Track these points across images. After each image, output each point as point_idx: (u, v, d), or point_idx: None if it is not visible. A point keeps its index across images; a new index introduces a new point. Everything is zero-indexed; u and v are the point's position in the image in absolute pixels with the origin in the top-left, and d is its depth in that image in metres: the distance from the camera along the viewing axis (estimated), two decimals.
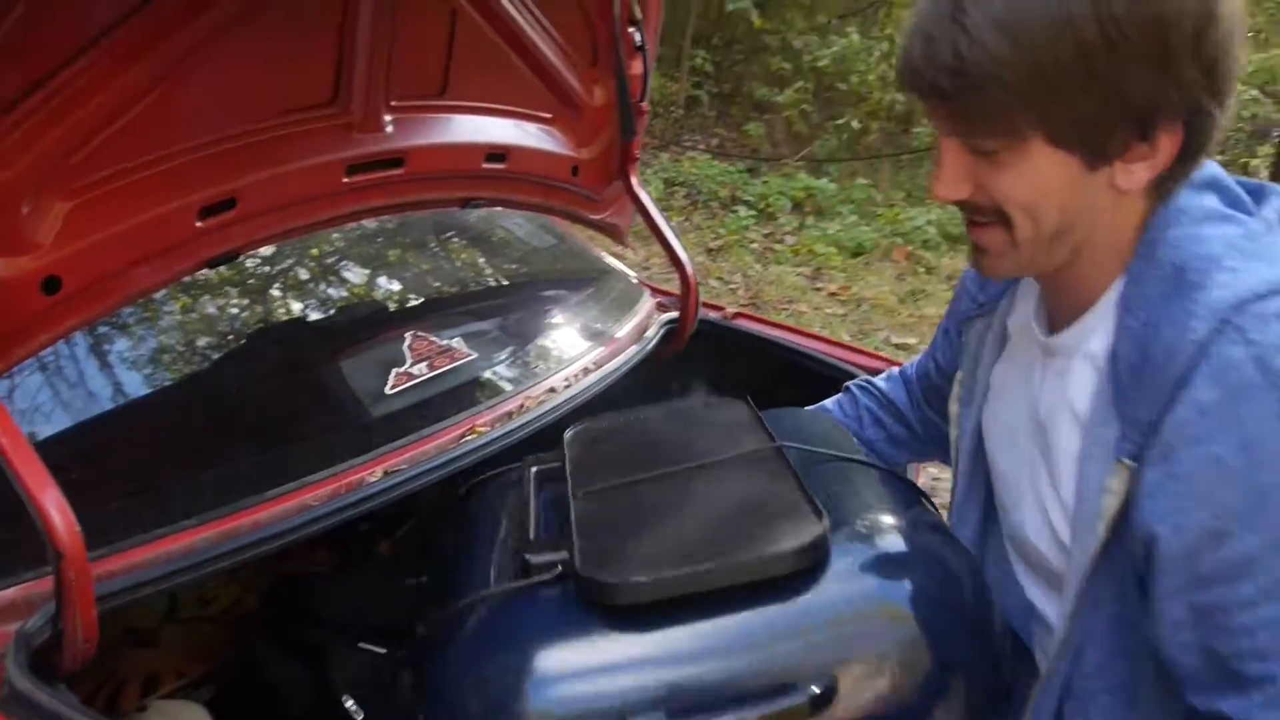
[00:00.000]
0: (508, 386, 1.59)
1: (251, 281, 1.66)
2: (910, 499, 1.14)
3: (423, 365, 1.52)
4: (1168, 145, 0.90)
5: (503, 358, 1.66)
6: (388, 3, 1.35)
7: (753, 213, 6.30)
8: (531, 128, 1.71)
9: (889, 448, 1.47)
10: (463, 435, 1.44)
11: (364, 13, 1.32)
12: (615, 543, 1.00)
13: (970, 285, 1.27)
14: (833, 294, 5.33)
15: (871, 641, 0.93)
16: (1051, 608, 1.11)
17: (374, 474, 1.34)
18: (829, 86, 7.53)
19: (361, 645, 1.68)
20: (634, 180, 1.87)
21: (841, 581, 0.96)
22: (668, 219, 1.91)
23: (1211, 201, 0.95)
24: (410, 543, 1.95)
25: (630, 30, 1.68)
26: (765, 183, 6.66)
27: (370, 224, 1.88)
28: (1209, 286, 0.88)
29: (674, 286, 1.95)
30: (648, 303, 1.98)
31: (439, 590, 1.16)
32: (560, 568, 1.00)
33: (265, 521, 1.25)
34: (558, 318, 1.85)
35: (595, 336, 1.81)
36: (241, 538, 1.21)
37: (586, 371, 1.68)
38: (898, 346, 4.60)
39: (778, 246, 5.96)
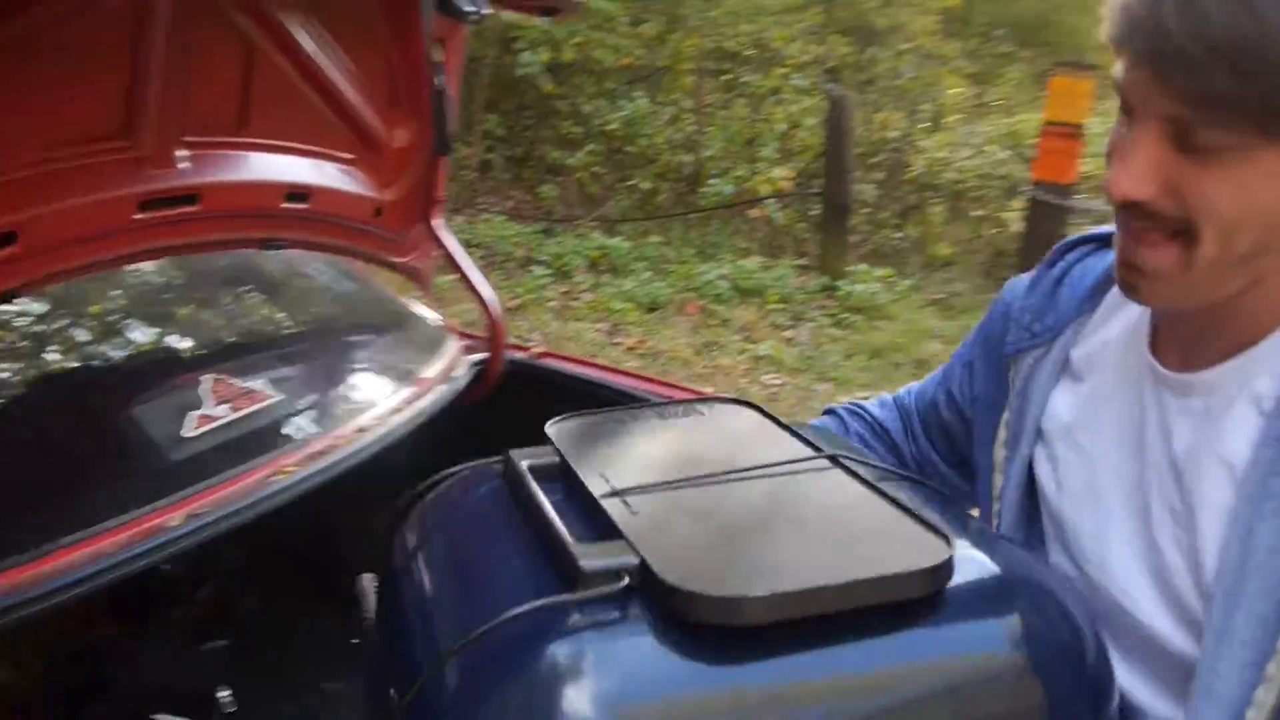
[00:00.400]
0: (315, 427, 1.55)
1: (38, 326, 1.56)
2: (972, 522, 0.99)
3: (224, 407, 1.47)
4: None
5: (309, 399, 1.62)
6: (180, 36, 1.32)
7: (549, 272, 6.37)
8: (333, 168, 1.70)
9: None
10: (269, 476, 1.39)
11: (155, 44, 1.29)
12: (688, 554, 0.79)
13: (1022, 313, 1.12)
14: (630, 348, 5.44)
15: (1000, 683, 0.77)
16: (1165, 704, 0.91)
17: (175, 519, 1.28)
18: (619, 149, 7.74)
19: (155, 718, 1.59)
20: (438, 223, 1.88)
21: (963, 610, 0.79)
22: (472, 261, 1.93)
23: None
24: (209, 606, 1.85)
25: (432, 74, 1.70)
26: (560, 243, 6.75)
27: (163, 265, 1.80)
28: None
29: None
30: (454, 344, 1.98)
31: (419, 618, 0.92)
32: (628, 579, 0.77)
33: (49, 575, 1.16)
34: (364, 360, 1.83)
35: (403, 377, 1.79)
36: (22, 592, 1.12)
37: (396, 411, 1.66)
38: None
39: (575, 304, 6.04)
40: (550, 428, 1.04)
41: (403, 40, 1.67)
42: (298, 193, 1.61)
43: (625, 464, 0.97)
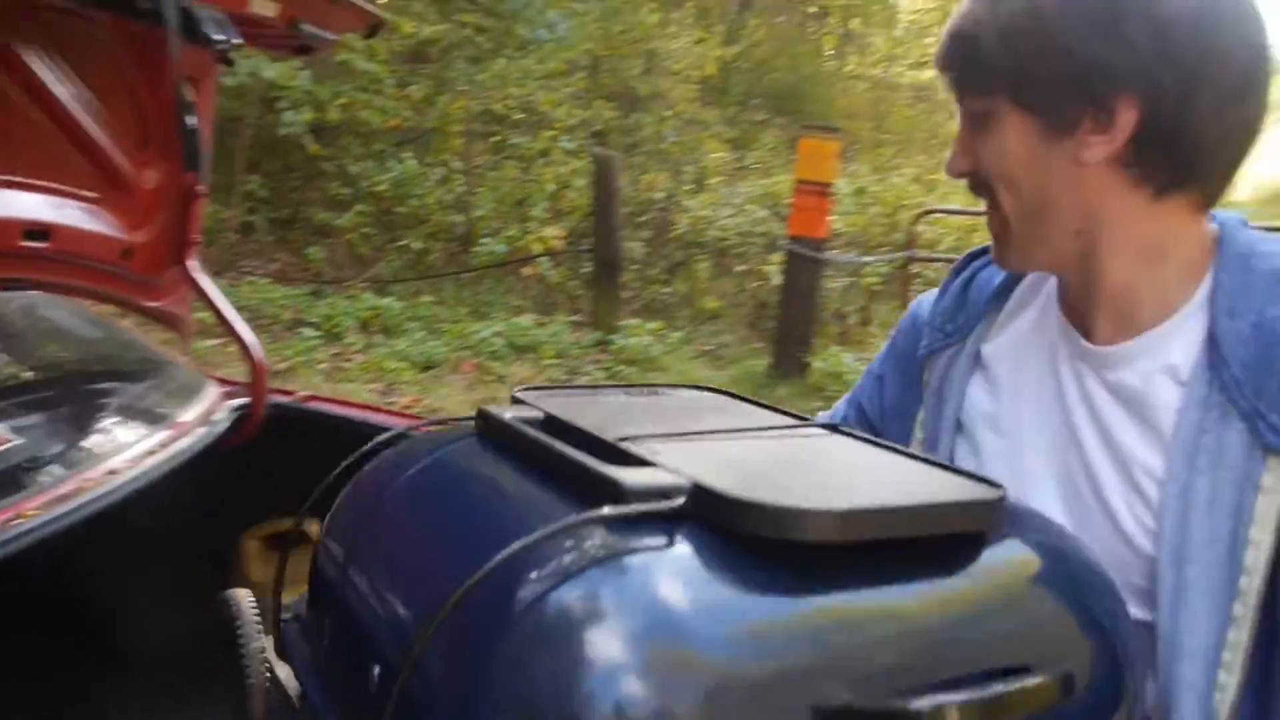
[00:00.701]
0: (62, 470, 1.48)
1: None
2: None
3: None
4: (1124, 119, 0.90)
5: (56, 443, 1.54)
6: None
7: (319, 334, 6.22)
8: (76, 207, 1.64)
9: None
10: (10, 520, 1.32)
11: None
12: (738, 480, 0.70)
13: (934, 316, 1.19)
14: (405, 407, 5.38)
15: (1055, 621, 0.74)
16: None
17: None
18: (389, 210, 7.69)
19: None
20: (193, 265, 1.84)
21: (1018, 545, 0.77)
22: (230, 304, 1.90)
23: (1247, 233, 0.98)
24: None
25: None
26: (330, 304, 6.62)
27: None
28: None
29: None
30: (214, 389, 1.93)
31: (401, 580, 0.78)
32: (681, 499, 0.68)
33: None
34: (117, 404, 1.75)
35: (158, 421, 1.73)
36: None
37: (150, 454, 1.60)
38: None
39: (346, 365, 5.92)
40: (521, 392, 0.95)
41: (152, 78, 1.64)
42: (37, 231, 1.55)
43: (621, 422, 0.86)
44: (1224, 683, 0.88)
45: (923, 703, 0.61)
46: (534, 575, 0.64)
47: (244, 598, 0.94)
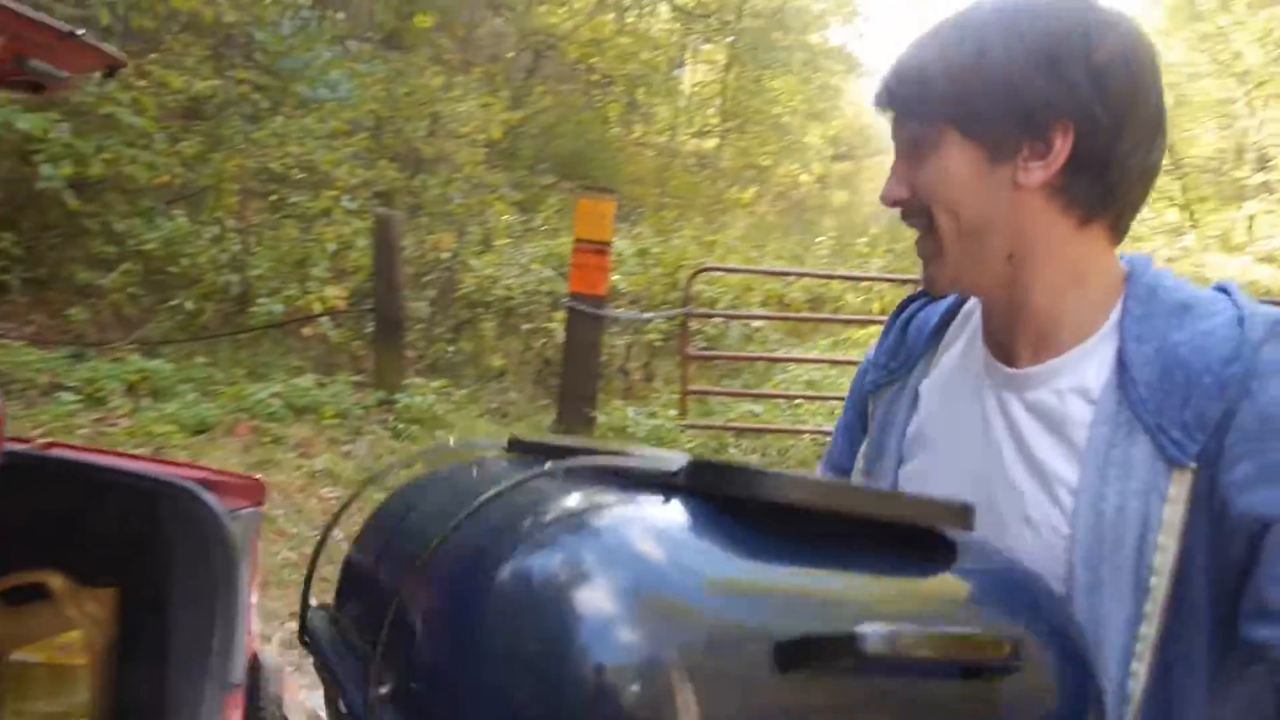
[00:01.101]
0: None
1: None
2: None
3: None
4: (1060, 145, 0.99)
5: None
6: None
7: (79, 399, 5.88)
8: None
9: None
10: None
11: None
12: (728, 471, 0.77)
13: (879, 355, 1.27)
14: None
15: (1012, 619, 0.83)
16: None
17: None
18: (159, 270, 7.38)
19: None
20: None
21: (981, 554, 0.88)
22: None
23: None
24: None
25: None
26: (93, 368, 6.26)
27: None
28: (1220, 312, 0.99)
29: None
30: None
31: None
32: (680, 473, 0.76)
33: None
34: None
35: None
36: None
37: None
38: None
39: (110, 430, 5.62)
40: (510, 439, 1.01)
41: None
42: None
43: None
44: (1135, 670, 0.97)
45: (870, 629, 0.66)
46: (527, 522, 0.71)
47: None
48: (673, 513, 0.73)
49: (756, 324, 9.30)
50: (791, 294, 10.38)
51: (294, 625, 3.79)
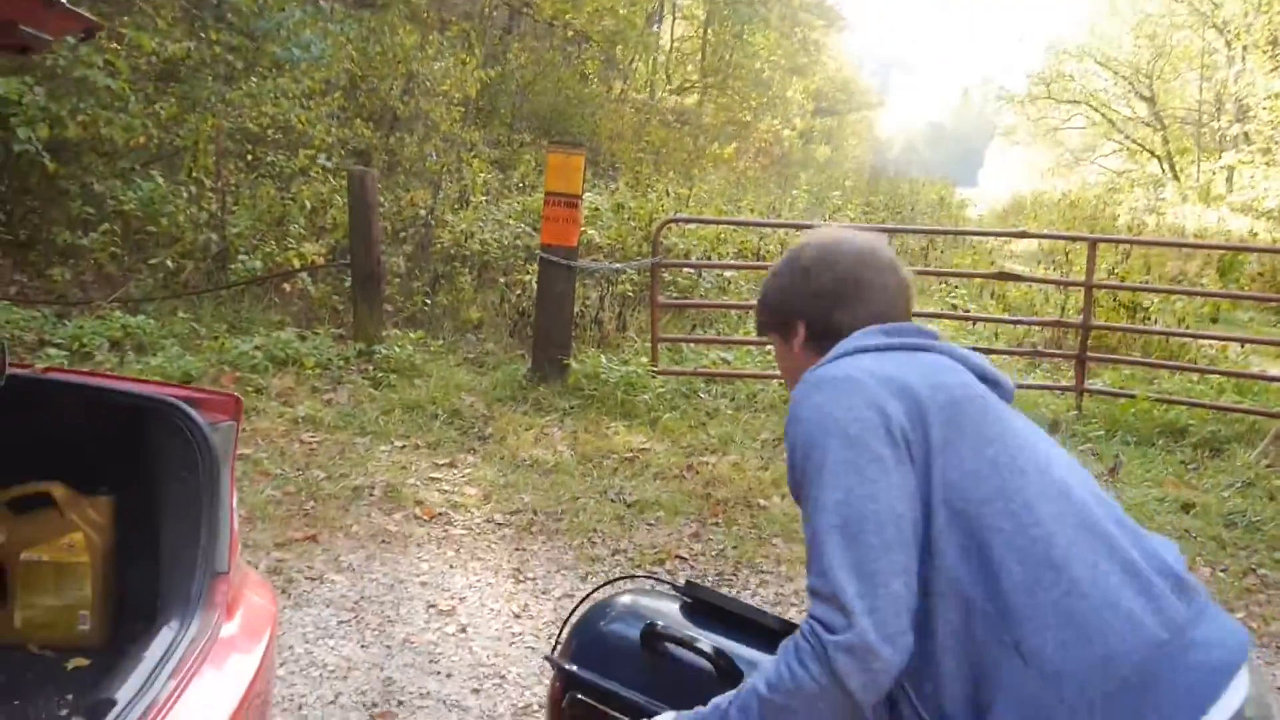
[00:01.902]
0: None
1: None
2: None
3: None
4: (800, 330, 1.68)
5: None
6: None
7: (65, 354, 6.05)
8: None
9: None
10: None
11: None
12: None
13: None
14: None
15: None
16: None
17: None
18: (139, 229, 7.52)
19: None
20: None
21: None
22: None
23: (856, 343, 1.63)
24: None
25: None
26: (78, 326, 6.43)
27: None
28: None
29: None
30: None
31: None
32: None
33: None
34: None
35: None
36: None
37: None
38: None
39: None
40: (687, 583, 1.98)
41: None
42: None
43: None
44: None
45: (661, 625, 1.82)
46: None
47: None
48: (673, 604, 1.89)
49: (729, 274, 9.49)
50: (767, 246, 10.57)
51: (279, 555, 4.01)
